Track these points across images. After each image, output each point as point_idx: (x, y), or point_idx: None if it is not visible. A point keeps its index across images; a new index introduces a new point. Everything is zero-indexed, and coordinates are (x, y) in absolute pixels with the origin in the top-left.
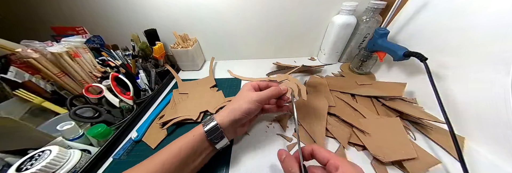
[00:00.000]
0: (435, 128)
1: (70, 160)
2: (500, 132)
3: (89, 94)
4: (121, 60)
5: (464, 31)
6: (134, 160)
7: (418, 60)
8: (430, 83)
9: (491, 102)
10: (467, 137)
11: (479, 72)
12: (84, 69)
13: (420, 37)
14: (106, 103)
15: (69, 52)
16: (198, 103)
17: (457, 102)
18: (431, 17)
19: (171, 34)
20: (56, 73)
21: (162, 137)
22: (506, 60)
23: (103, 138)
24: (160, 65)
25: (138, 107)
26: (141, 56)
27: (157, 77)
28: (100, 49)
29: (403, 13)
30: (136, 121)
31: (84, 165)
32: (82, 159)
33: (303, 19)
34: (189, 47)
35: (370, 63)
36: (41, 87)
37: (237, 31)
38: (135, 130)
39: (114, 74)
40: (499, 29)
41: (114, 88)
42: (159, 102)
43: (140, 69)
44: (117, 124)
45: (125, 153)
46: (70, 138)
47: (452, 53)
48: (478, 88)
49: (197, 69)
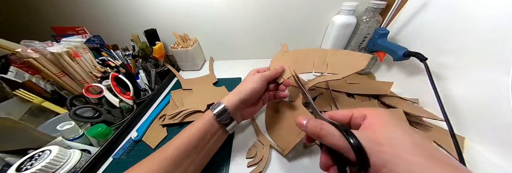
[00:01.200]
0: (435, 127)
1: (70, 160)
2: (500, 132)
3: (89, 94)
4: (121, 60)
5: (464, 30)
6: (133, 160)
7: (417, 60)
8: (430, 83)
9: (491, 101)
10: (467, 137)
11: (479, 72)
12: (84, 69)
13: (420, 37)
14: (106, 103)
15: (69, 52)
16: (203, 97)
17: (457, 102)
18: (431, 16)
19: (171, 34)
20: (56, 74)
21: (162, 137)
22: (506, 60)
23: (103, 138)
24: (160, 65)
25: (138, 107)
26: (141, 56)
27: (157, 77)
28: (100, 49)
29: (403, 13)
30: (136, 121)
31: (84, 165)
32: (82, 159)
33: (303, 19)
34: (189, 47)
35: (369, 64)
36: (41, 86)
37: (237, 31)
38: (135, 130)
39: (114, 74)
40: (499, 29)
41: (114, 88)
42: (159, 102)
43: (140, 69)
44: (117, 124)
45: (125, 153)
46: (70, 138)
47: (452, 53)
48: (478, 88)
49: (197, 69)
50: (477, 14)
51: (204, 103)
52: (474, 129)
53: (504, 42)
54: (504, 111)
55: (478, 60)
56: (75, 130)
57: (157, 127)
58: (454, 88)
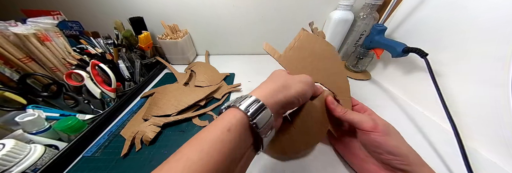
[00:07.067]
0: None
1: (30, 156)
2: (501, 131)
3: (71, 81)
4: (102, 49)
5: (463, 27)
6: (106, 158)
7: (415, 57)
8: (426, 82)
9: (492, 101)
10: (467, 136)
11: (479, 70)
12: (55, 55)
13: (417, 34)
14: (86, 92)
15: (37, 34)
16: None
17: (456, 101)
18: (428, 13)
19: (159, 24)
20: (21, 59)
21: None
22: (507, 57)
23: (74, 132)
24: (146, 57)
25: (120, 99)
26: (125, 45)
27: (144, 70)
28: (79, 36)
29: (400, 10)
30: (117, 115)
31: (48, 162)
32: (45, 156)
33: (301, 14)
34: (178, 38)
35: (366, 61)
36: (5, 75)
37: (232, 25)
38: (114, 124)
39: (95, 62)
40: (500, 25)
41: (94, 77)
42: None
43: (120, 60)
44: (93, 117)
45: (98, 150)
46: (33, 131)
47: (450, 50)
48: (479, 86)
49: (187, 63)
50: (477, 9)
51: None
52: (474, 128)
53: (506, 38)
54: (506, 111)
55: (478, 57)
56: (39, 122)
57: (139, 120)
58: (453, 86)
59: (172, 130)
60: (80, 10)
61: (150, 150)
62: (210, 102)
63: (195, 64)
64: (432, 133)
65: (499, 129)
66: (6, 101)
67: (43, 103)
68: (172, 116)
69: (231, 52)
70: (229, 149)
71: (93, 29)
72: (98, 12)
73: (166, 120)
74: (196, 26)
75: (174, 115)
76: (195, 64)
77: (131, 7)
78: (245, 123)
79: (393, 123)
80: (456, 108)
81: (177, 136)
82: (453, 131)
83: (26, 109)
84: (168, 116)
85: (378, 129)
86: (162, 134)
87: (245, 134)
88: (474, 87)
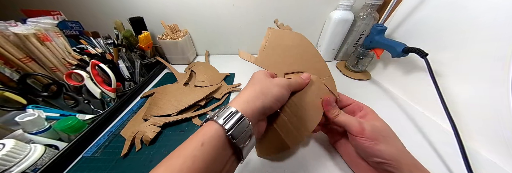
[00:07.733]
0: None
1: (30, 156)
2: (501, 132)
3: (71, 81)
4: (102, 49)
5: (463, 27)
6: (106, 158)
7: (415, 57)
8: (426, 82)
9: (492, 101)
10: (467, 136)
11: (479, 70)
12: (55, 55)
13: (417, 34)
14: (86, 92)
15: (37, 34)
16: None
17: (456, 101)
18: (428, 13)
19: (159, 24)
20: (21, 59)
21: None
22: (508, 57)
23: (74, 132)
24: (147, 57)
25: (120, 99)
26: (125, 45)
27: (144, 70)
28: (79, 36)
29: (400, 10)
30: (117, 115)
31: (48, 162)
32: (45, 155)
33: (301, 14)
34: (178, 38)
35: (366, 61)
36: (5, 75)
37: (232, 25)
38: (114, 124)
39: (95, 62)
40: (501, 25)
41: (94, 77)
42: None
43: (120, 60)
44: (93, 117)
45: (98, 149)
46: (33, 131)
47: (450, 50)
48: (479, 86)
49: (187, 63)
50: (477, 9)
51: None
52: (474, 128)
53: (506, 38)
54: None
55: (479, 57)
56: (39, 122)
57: (139, 120)
58: (453, 87)
59: (172, 130)
60: (80, 10)
61: (150, 150)
62: (210, 102)
63: (195, 64)
64: (432, 133)
65: (499, 129)
66: (6, 101)
67: (43, 103)
68: (172, 116)
69: (231, 52)
70: (204, 163)
71: (93, 29)
72: (98, 12)
73: (166, 120)
74: (196, 26)
75: (174, 115)
76: (195, 64)
77: (131, 7)
78: (220, 135)
79: (393, 123)
80: (456, 108)
81: (177, 136)
82: (453, 131)
83: (26, 109)
84: (168, 116)
85: (364, 133)
86: (162, 134)
87: (222, 146)
88: (474, 87)
